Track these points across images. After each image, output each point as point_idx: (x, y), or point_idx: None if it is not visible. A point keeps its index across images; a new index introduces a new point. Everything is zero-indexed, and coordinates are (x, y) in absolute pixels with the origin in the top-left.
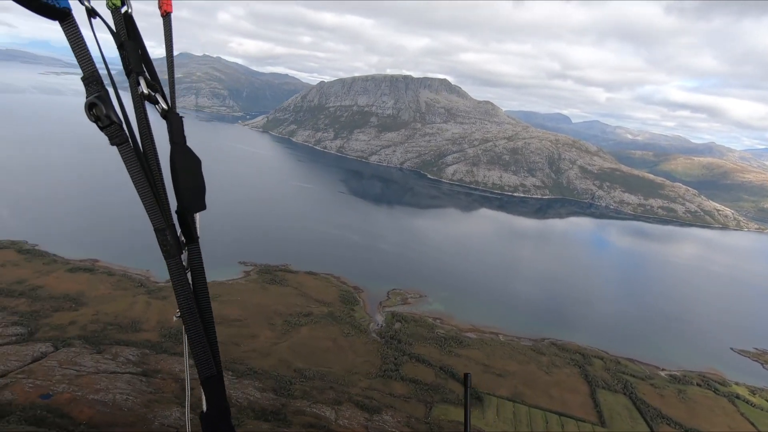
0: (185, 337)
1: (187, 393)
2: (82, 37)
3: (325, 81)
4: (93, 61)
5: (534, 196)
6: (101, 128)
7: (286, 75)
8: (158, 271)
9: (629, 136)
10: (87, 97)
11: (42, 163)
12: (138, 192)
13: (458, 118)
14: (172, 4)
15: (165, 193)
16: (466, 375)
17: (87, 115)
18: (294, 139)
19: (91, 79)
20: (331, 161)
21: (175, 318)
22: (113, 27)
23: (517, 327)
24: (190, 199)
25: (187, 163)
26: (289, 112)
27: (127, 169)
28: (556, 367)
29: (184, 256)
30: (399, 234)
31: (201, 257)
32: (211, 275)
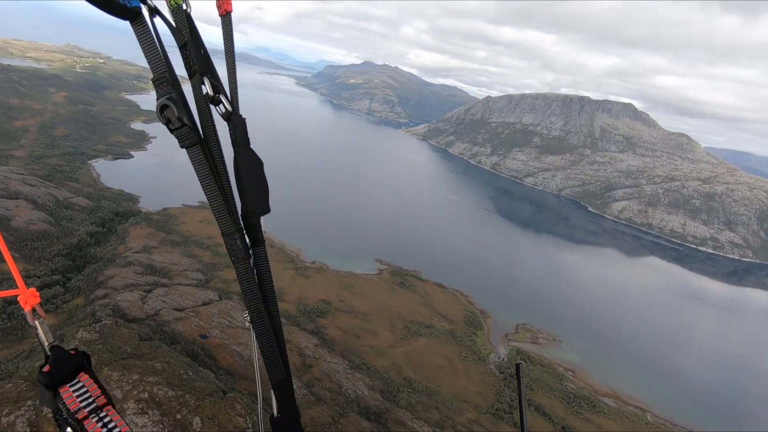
0: (254, 342)
1: (259, 396)
2: (152, 37)
3: (492, 96)
4: (163, 62)
5: (728, 255)
6: (171, 130)
7: (455, 87)
8: (309, 251)
9: None
10: (158, 99)
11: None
12: (207, 195)
13: (639, 148)
14: (232, 4)
15: (233, 197)
16: (517, 365)
17: (158, 117)
18: (450, 150)
19: (162, 81)
20: (482, 177)
21: (246, 323)
22: (175, 26)
23: (673, 409)
24: (255, 201)
25: (251, 166)
26: (450, 124)
27: (196, 171)
28: None
29: (252, 260)
30: (541, 265)
31: (267, 260)
32: (349, 266)
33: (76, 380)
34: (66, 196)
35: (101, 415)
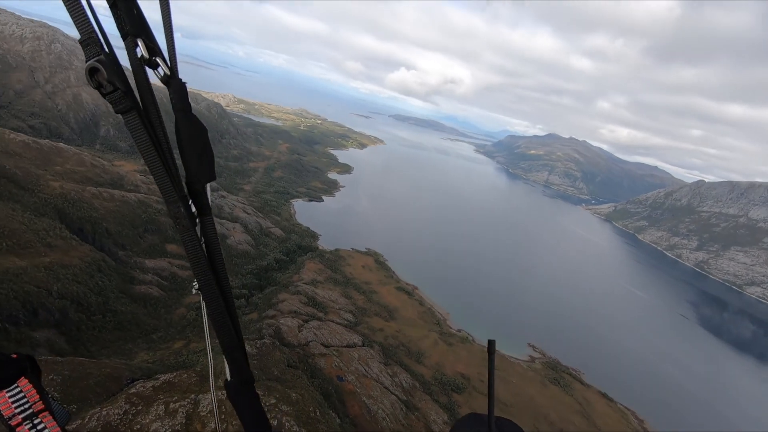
0: (204, 309)
1: (210, 362)
2: None
3: (705, 181)
4: (91, 22)
5: None
6: (104, 95)
7: (654, 167)
8: (456, 317)
9: None
10: (86, 61)
11: (419, 200)
12: (147, 163)
13: None
14: None
15: (174, 164)
16: (490, 342)
17: (88, 81)
18: (640, 237)
19: (90, 41)
20: (681, 274)
21: (193, 291)
22: None
23: None
24: (199, 168)
25: (193, 132)
26: (643, 207)
27: (134, 139)
28: None
29: (198, 228)
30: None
31: (215, 229)
32: (497, 344)
33: (15, 385)
34: (268, 226)
35: (35, 421)
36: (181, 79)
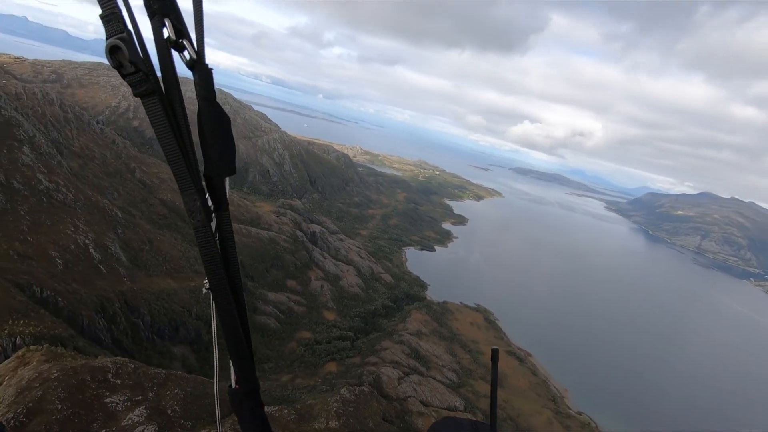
0: (213, 310)
1: (216, 367)
2: None
3: None
4: None
5: None
6: (124, 76)
7: None
8: (577, 396)
9: None
10: (107, 39)
11: (537, 258)
12: (165, 152)
13: None
14: None
15: (194, 154)
16: (494, 350)
17: (108, 60)
18: None
19: (112, 17)
20: None
21: (204, 290)
22: None
23: None
24: (220, 161)
25: (217, 122)
26: None
27: (153, 125)
28: None
29: (213, 224)
30: None
31: (231, 226)
32: None
33: None
34: (379, 271)
35: None
36: (207, 65)
